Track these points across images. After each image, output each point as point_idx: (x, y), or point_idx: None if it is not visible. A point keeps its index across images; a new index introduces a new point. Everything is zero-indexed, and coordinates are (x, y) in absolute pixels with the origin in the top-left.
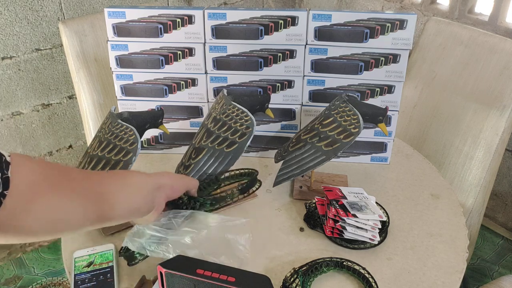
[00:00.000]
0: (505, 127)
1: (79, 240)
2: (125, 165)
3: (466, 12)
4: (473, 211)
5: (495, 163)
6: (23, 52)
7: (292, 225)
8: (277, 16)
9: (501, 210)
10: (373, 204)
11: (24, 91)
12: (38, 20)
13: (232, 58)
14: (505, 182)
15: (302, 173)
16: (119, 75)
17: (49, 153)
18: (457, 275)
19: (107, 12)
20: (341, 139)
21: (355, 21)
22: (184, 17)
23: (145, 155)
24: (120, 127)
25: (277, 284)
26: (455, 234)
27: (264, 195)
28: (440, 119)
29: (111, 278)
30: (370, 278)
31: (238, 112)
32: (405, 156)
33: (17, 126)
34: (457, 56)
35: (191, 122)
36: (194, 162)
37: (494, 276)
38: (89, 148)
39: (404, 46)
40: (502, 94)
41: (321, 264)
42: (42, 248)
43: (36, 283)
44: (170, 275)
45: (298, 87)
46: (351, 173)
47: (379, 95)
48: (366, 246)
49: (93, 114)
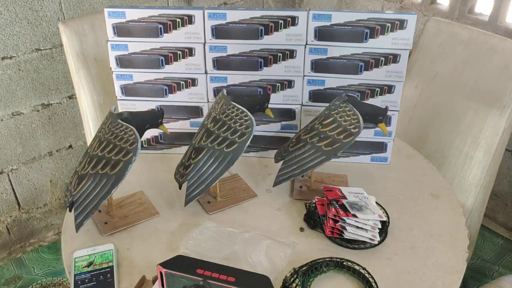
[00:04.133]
0: (505, 127)
1: (79, 240)
2: (125, 165)
3: (466, 12)
4: (473, 211)
5: (495, 163)
6: (23, 52)
7: (292, 225)
8: (277, 16)
9: (501, 210)
10: (373, 204)
11: (24, 91)
12: (38, 20)
13: (232, 58)
14: (505, 182)
15: (302, 173)
16: (119, 75)
17: (49, 153)
18: (457, 275)
19: (107, 12)
20: (341, 139)
21: (355, 21)
22: (184, 17)
23: (145, 155)
24: (120, 127)
25: (277, 284)
26: (455, 234)
27: (264, 195)
28: (440, 119)
29: (111, 278)
30: (370, 278)
31: (238, 112)
32: (405, 156)
33: (17, 126)
34: (457, 56)
35: (191, 122)
36: (194, 162)
37: (494, 276)
38: (89, 148)
39: (404, 46)
40: (502, 94)
41: (321, 264)
42: (42, 248)
43: (36, 283)
44: (170, 275)
45: (298, 87)
46: (351, 173)
47: (379, 95)
48: (366, 246)
49: (93, 114)
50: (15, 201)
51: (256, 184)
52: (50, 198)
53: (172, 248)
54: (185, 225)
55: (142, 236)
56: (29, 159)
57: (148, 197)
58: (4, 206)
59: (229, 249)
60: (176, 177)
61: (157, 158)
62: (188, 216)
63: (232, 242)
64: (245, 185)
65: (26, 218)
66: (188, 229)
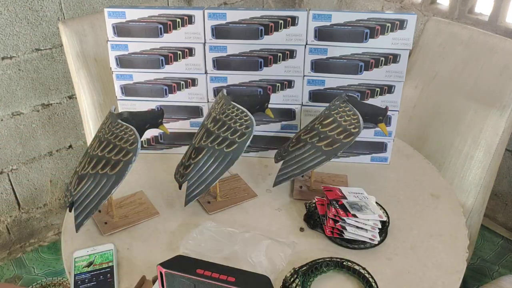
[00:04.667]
0: (505, 127)
1: (79, 240)
2: (125, 165)
3: (466, 12)
4: (473, 211)
5: (495, 163)
6: (23, 52)
7: (292, 225)
8: (277, 16)
9: (501, 210)
10: (373, 204)
11: (24, 91)
12: (38, 20)
13: (232, 58)
14: (505, 182)
15: (302, 173)
16: (119, 75)
17: (49, 153)
18: (457, 275)
19: (107, 12)
20: (341, 139)
21: (355, 21)
22: (184, 17)
23: (145, 155)
24: (120, 127)
25: (277, 284)
26: (455, 234)
27: (264, 195)
28: (440, 119)
29: (111, 278)
30: (370, 278)
31: (238, 112)
32: (405, 156)
33: (17, 126)
34: (457, 56)
35: (191, 122)
36: (194, 162)
37: (494, 276)
38: (89, 148)
39: (404, 46)
40: (502, 94)
41: (321, 264)
42: (42, 248)
43: (36, 283)
44: (170, 275)
45: (298, 87)
46: (351, 173)
47: (379, 95)
48: (366, 246)
49: (93, 114)
50: (15, 201)
51: (256, 184)
52: (50, 198)
53: (172, 248)
54: (185, 225)
55: (142, 236)
56: (29, 159)
57: (148, 197)
58: (4, 206)
59: (229, 249)
60: (176, 177)
61: (157, 158)
62: (188, 216)
63: (232, 242)
64: (245, 185)
65: (26, 218)
66: (188, 229)
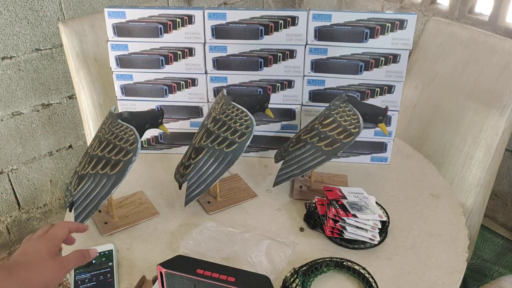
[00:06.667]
0: (505, 127)
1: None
2: (125, 165)
3: (466, 12)
4: (473, 211)
5: (495, 163)
6: (23, 52)
7: (292, 225)
8: (277, 16)
9: (501, 210)
10: (373, 204)
11: (24, 91)
12: (38, 20)
13: (232, 58)
14: (505, 182)
15: (302, 173)
16: (119, 75)
17: (49, 153)
18: (457, 275)
19: (107, 12)
20: (341, 139)
21: (355, 21)
22: (184, 17)
23: (145, 155)
24: (120, 127)
25: (277, 284)
26: (455, 234)
27: (264, 195)
28: (440, 119)
29: (111, 278)
30: (370, 278)
31: (238, 112)
32: (405, 156)
33: (17, 126)
34: (457, 56)
35: (191, 122)
36: (194, 162)
37: (494, 276)
38: (89, 148)
39: (404, 46)
40: (502, 94)
41: (321, 264)
42: None
43: None
44: (170, 275)
45: (298, 87)
46: (351, 173)
47: (379, 95)
48: (366, 246)
49: (93, 114)
50: (15, 201)
51: (256, 184)
52: (50, 198)
53: (172, 248)
54: (185, 225)
55: (142, 236)
56: (29, 159)
57: (148, 197)
58: (4, 206)
59: (229, 249)
60: (176, 177)
61: (157, 158)
62: (188, 216)
63: (232, 242)
64: (245, 185)
65: (26, 218)
66: (188, 229)
